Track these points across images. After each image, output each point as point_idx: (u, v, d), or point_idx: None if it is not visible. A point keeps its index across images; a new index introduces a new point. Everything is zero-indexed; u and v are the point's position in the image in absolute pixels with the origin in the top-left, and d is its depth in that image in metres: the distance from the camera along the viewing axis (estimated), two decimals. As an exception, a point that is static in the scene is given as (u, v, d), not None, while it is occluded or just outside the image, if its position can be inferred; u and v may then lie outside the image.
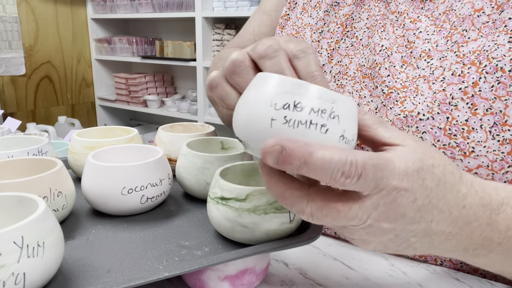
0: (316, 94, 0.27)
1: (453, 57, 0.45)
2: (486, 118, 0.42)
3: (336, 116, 0.27)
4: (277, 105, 0.27)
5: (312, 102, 0.27)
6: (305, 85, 0.28)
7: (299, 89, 0.27)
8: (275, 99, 0.27)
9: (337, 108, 0.27)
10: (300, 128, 0.27)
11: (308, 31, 0.58)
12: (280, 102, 0.27)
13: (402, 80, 0.48)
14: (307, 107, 0.27)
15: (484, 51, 0.43)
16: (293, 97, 0.27)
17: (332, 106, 0.27)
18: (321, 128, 0.27)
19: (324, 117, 0.27)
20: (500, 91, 0.42)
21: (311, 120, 0.27)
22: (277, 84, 0.28)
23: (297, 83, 0.28)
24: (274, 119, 0.27)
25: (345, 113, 0.28)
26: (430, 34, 0.48)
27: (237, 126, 0.30)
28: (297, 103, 0.27)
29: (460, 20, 0.46)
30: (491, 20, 0.44)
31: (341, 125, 0.28)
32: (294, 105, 0.27)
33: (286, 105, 0.27)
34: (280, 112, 0.27)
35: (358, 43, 0.54)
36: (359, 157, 0.25)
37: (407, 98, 0.47)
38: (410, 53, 0.49)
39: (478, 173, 0.43)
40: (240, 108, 0.30)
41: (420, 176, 0.27)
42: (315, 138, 0.27)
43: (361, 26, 0.54)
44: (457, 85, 0.44)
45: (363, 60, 0.52)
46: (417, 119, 0.45)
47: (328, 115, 0.27)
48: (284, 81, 0.28)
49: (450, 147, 0.43)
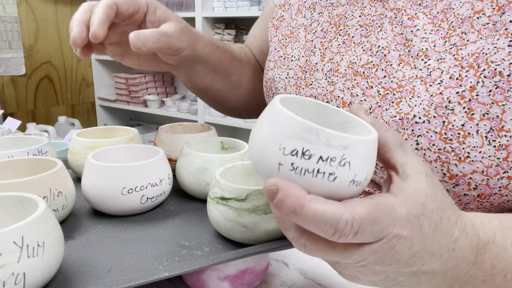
0: (326, 141, 0.26)
1: (451, 59, 0.44)
2: (483, 123, 0.41)
3: (347, 163, 0.26)
4: (285, 149, 0.26)
5: (321, 150, 0.26)
6: (316, 130, 0.26)
7: (309, 135, 0.26)
8: (284, 143, 0.26)
9: (348, 154, 0.26)
10: (307, 176, 0.26)
11: (302, 31, 0.59)
12: (288, 147, 0.26)
13: (398, 79, 0.47)
14: (315, 156, 0.26)
15: (483, 54, 0.42)
16: (302, 143, 0.26)
17: (342, 153, 0.26)
18: (329, 176, 0.26)
19: (333, 165, 0.26)
20: (498, 96, 0.41)
21: (318, 169, 0.26)
22: (289, 125, 0.26)
23: (307, 128, 0.26)
24: (281, 164, 0.26)
25: (359, 157, 0.26)
26: (428, 32, 0.47)
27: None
28: (306, 150, 0.26)
29: (459, 21, 0.45)
30: (491, 21, 0.43)
31: (352, 170, 0.26)
32: (302, 152, 0.26)
33: (294, 152, 0.26)
34: (288, 158, 0.26)
35: (350, 41, 0.54)
36: (356, 213, 0.25)
37: (403, 99, 0.46)
38: (408, 52, 0.48)
39: (473, 178, 0.42)
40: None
41: (419, 222, 0.27)
42: (322, 186, 0.26)
43: (353, 24, 0.54)
44: (454, 89, 0.43)
45: (354, 58, 0.52)
46: (413, 122, 0.45)
47: (338, 163, 0.26)
48: (296, 124, 0.26)
49: (445, 151, 0.43)
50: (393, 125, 0.46)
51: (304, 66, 0.56)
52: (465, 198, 0.44)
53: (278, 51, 0.62)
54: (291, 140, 0.26)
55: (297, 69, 0.57)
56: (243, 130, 2.33)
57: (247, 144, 0.53)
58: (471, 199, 0.44)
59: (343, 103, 0.51)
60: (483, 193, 0.43)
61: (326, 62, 0.54)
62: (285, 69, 0.58)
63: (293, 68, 0.57)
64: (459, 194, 0.44)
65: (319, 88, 0.54)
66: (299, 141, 0.26)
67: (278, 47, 0.62)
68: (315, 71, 0.55)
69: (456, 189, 0.44)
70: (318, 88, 0.54)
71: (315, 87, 0.54)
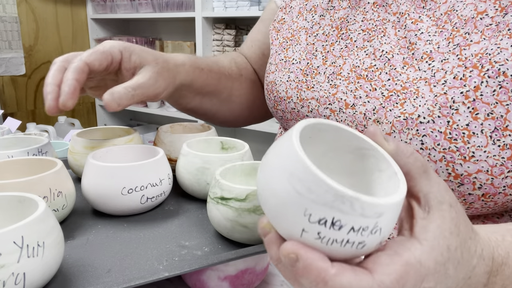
0: (361, 211, 0.23)
1: (455, 60, 0.45)
2: (487, 123, 0.42)
3: (378, 230, 0.24)
4: (311, 216, 0.23)
5: (354, 221, 0.23)
6: (350, 199, 0.22)
7: (342, 204, 0.22)
8: (311, 209, 0.23)
9: (381, 222, 0.23)
10: (334, 246, 0.23)
11: (303, 34, 0.59)
12: (316, 215, 0.23)
13: (403, 81, 0.48)
14: (347, 226, 0.23)
15: (487, 55, 0.43)
16: (332, 212, 0.22)
17: (376, 221, 0.23)
18: (358, 245, 0.24)
19: (364, 235, 0.23)
20: (502, 95, 0.41)
21: (348, 240, 0.23)
22: (318, 189, 0.22)
23: (340, 195, 0.22)
24: (305, 231, 0.23)
25: (390, 221, 0.24)
26: (432, 35, 0.48)
27: (263, 203, 0.26)
28: (336, 220, 0.23)
29: (462, 22, 0.45)
30: (494, 22, 0.43)
31: (382, 235, 0.24)
32: (332, 222, 0.23)
33: (322, 221, 0.23)
34: (314, 226, 0.23)
35: (352, 45, 0.54)
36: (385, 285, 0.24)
37: (407, 100, 0.46)
38: (411, 55, 0.48)
39: (478, 177, 0.42)
40: (268, 190, 0.25)
41: (445, 267, 0.27)
42: (348, 253, 0.24)
43: (356, 28, 0.54)
44: (458, 89, 0.43)
45: (357, 61, 0.52)
46: (417, 122, 0.45)
47: (370, 232, 0.23)
48: (326, 189, 0.22)
49: (450, 151, 0.43)
50: (397, 126, 0.46)
51: (305, 69, 0.56)
52: (469, 197, 0.44)
53: (279, 54, 0.61)
54: (320, 207, 0.23)
55: (298, 72, 0.57)
56: (243, 130, 2.33)
57: (247, 144, 0.53)
58: (476, 198, 0.44)
59: (346, 105, 0.51)
60: (487, 193, 0.43)
61: (328, 65, 0.54)
62: (286, 72, 0.58)
63: (294, 71, 0.57)
64: (464, 194, 0.44)
65: (321, 91, 0.53)
66: (330, 210, 0.22)
67: (279, 50, 0.62)
68: (316, 74, 0.55)
69: (461, 189, 0.44)
70: (320, 91, 0.54)
71: (317, 90, 0.54)
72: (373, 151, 0.28)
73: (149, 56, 0.52)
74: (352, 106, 0.50)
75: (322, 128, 0.29)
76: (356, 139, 0.29)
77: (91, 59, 0.48)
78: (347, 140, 0.29)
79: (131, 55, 0.51)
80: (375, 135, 0.28)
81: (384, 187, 0.27)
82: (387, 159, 0.27)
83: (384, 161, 0.27)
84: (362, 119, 0.49)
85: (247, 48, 0.78)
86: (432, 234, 0.27)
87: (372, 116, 0.48)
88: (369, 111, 0.49)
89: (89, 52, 0.48)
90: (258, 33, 0.76)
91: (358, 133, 0.29)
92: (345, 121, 0.51)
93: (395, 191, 0.25)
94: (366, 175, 0.29)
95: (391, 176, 0.27)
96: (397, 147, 0.28)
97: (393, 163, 0.27)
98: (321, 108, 0.53)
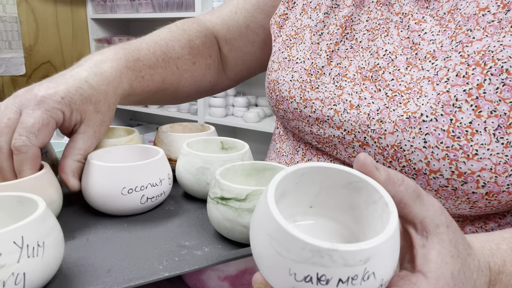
0: (343, 262, 0.22)
1: (457, 57, 0.44)
2: (490, 121, 0.42)
3: (371, 275, 0.23)
4: (296, 275, 0.23)
5: (340, 273, 0.22)
6: (327, 252, 0.22)
7: (321, 258, 0.22)
8: (294, 268, 0.23)
9: (371, 265, 0.23)
10: None
11: (307, 32, 0.58)
12: (300, 273, 0.22)
13: (407, 82, 0.48)
14: (334, 280, 0.22)
15: (489, 52, 0.43)
16: (314, 268, 0.22)
17: (364, 267, 0.22)
18: None
19: (356, 283, 0.23)
20: (505, 93, 0.41)
21: None
22: (294, 248, 0.22)
23: (317, 250, 0.22)
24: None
25: (383, 260, 0.23)
26: (435, 34, 0.47)
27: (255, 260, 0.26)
28: (321, 275, 0.22)
29: (465, 19, 0.45)
30: (496, 19, 0.43)
31: (378, 278, 0.23)
32: (317, 278, 0.22)
33: (307, 278, 0.22)
34: (302, 284, 0.23)
35: (357, 46, 0.54)
36: None
37: (411, 99, 0.46)
38: (415, 55, 0.48)
39: (481, 176, 0.42)
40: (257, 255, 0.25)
41: None
42: None
43: (361, 28, 0.54)
44: (461, 87, 0.43)
45: (363, 63, 0.52)
46: (420, 120, 0.45)
47: (361, 279, 0.23)
48: (302, 246, 0.22)
49: (453, 149, 0.43)
50: (400, 124, 0.46)
51: (309, 68, 0.56)
52: (473, 196, 0.44)
53: (282, 52, 0.61)
54: (301, 265, 0.22)
55: (302, 72, 0.56)
56: (243, 130, 2.33)
57: (247, 144, 0.53)
58: (479, 197, 0.44)
59: (351, 106, 0.51)
60: (491, 191, 0.43)
61: (334, 66, 0.54)
62: (290, 71, 0.58)
63: (298, 71, 0.57)
64: (468, 192, 0.44)
65: (326, 92, 0.53)
66: (311, 267, 0.22)
67: (282, 48, 0.61)
68: (321, 75, 0.54)
69: (465, 187, 0.44)
70: (325, 92, 0.53)
71: (322, 91, 0.54)
72: (363, 182, 0.28)
73: (88, 108, 0.47)
74: (357, 107, 0.50)
75: (306, 172, 0.28)
76: (344, 174, 0.28)
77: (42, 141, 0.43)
78: (335, 176, 0.29)
79: (72, 112, 0.45)
80: (365, 164, 0.28)
81: (379, 221, 0.27)
82: (377, 190, 0.27)
83: (375, 192, 0.27)
84: (365, 119, 0.49)
85: (226, 14, 0.71)
86: (435, 264, 0.26)
87: (376, 116, 0.48)
88: (373, 112, 0.49)
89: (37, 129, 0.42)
90: (247, 2, 0.70)
91: (344, 167, 0.28)
92: (349, 121, 0.51)
93: (383, 228, 0.24)
94: (363, 208, 0.29)
95: (384, 208, 0.26)
96: (388, 176, 0.27)
97: (384, 193, 0.26)
98: (325, 109, 0.53)
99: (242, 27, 0.70)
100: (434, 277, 0.26)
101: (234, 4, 0.72)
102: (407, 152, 0.45)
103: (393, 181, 0.27)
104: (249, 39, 0.71)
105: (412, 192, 0.27)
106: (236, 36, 0.71)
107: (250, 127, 2.14)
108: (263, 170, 0.45)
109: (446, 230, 0.27)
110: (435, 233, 0.27)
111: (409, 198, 0.27)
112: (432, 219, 0.27)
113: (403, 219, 0.29)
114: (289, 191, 0.29)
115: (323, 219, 0.31)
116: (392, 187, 0.27)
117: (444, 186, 0.45)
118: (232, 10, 0.71)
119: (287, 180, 0.28)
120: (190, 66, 0.66)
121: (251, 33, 0.70)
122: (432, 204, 0.28)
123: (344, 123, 0.51)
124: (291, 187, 0.28)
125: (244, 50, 0.73)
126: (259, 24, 0.69)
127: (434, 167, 0.44)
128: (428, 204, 0.28)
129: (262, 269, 0.25)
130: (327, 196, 0.30)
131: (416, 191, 0.28)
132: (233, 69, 0.75)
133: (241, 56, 0.74)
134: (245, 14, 0.70)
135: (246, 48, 0.72)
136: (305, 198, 0.30)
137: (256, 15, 0.69)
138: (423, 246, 0.27)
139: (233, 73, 0.76)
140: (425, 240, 0.27)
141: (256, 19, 0.69)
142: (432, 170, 0.44)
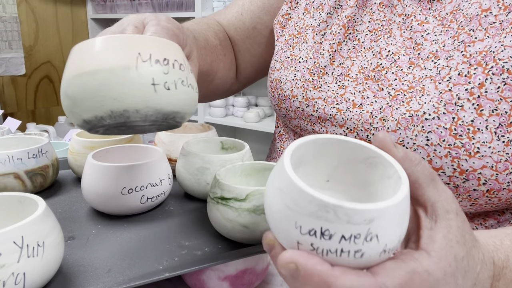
0: (347, 219, 0.23)
1: (459, 56, 0.45)
2: (492, 119, 0.42)
3: (374, 236, 0.23)
4: (302, 228, 0.24)
5: (342, 229, 0.23)
6: (333, 207, 0.23)
7: (326, 213, 0.23)
8: (300, 221, 0.24)
9: (375, 227, 0.23)
10: (330, 256, 0.24)
11: (310, 32, 0.58)
12: (305, 227, 0.23)
13: (409, 81, 0.48)
14: (336, 235, 0.23)
15: (491, 52, 0.43)
16: (319, 222, 0.23)
17: (368, 228, 0.23)
18: (355, 254, 0.23)
19: (358, 243, 0.23)
20: (506, 92, 0.42)
21: (342, 249, 0.23)
22: (302, 201, 0.23)
23: (323, 205, 0.23)
24: (300, 243, 0.24)
25: (387, 226, 0.24)
26: (438, 34, 0.48)
27: (268, 221, 0.27)
28: (325, 230, 0.23)
29: (468, 20, 0.46)
30: (498, 21, 0.44)
31: (381, 242, 0.24)
32: (321, 232, 0.23)
33: (312, 232, 0.23)
34: (306, 238, 0.24)
35: (360, 46, 0.54)
36: (386, 282, 0.24)
37: (413, 98, 0.47)
38: (417, 55, 0.49)
39: (483, 173, 0.43)
40: (267, 209, 0.27)
41: (454, 277, 0.27)
42: (348, 263, 0.24)
43: (363, 29, 0.54)
44: (463, 86, 0.44)
45: (365, 63, 0.52)
46: (423, 118, 0.45)
47: (364, 239, 0.23)
48: (309, 199, 0.23)
49: (456, 147, 0.43)
50: (403, 123, 0.47)
51: (312, 68, 0.56)
52: (474, 193, 0.45)
53: (285, 51, 0.61)
54: (307, 218, 0.23)
55: (304, 71, 0.56)
56: (243, 130, 2.33)
57: (247, 144, 0.53)
58: (480, 194, 0.45)
59: (354, 104, 0.51)
60: (492, 188, 0.44)
61: (336, 66, 0.55)
62: (292, 70, 0.58)
63: (301, 70, 0.57)
64: (469, 189, 0.45)
65: (328, 91, 0.54)
66: (316, 220, 0.23)
67: (285, 47, 0.61)
68: (324, 74, 0.55)
69: (466, 184, 0.44)
70: (328, 91, 0.54)
71: (325, 90, 0.54)
72: (380, 158, 0.28)
73: (193, 45, 0.46)
74: (360, 106, 0.51)
75: (325, 142, 0.29)
76: (361, 149, 0.29)
77: None
78: (353, 150, 0.29)
79: (185, 46, 0.44)
80: (384, 142, 0.28)
81: (391, 193, 0.27)
82: (393, 165, 0.27)
83: (390, 167, 0.27)
84: (368, 117, 0.50)
85: (232, 16, 0.71)
86: (439, 244, 0.26)
87: (379, 114, 0.49)
88: (376, 110, 0.49)
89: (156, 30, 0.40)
90: (253, 4, 0.70)
91: (361, 142, 0.29)
92: (351, 119, 0.51)
93: (393, 195, 0.25)
94: (378, 183, 0.29)
95: (397, 181, 0.27)
96: (405, 154, 0.28)
97: (399, 168, 0.27)
98: (328, 108, 0.53)
99: (249, 29, 0.70)
100: (437, 256, 0.26)
101: (240, 5, 0.71)
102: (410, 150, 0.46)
103: (410, 160, 0.28)
104: (256, 41, 0.71)
105: (428, 174, 0.28)
106: (243, 37, 0.71)
107: (250, 127, 2.13)
108: (263, 170, 0.45)
109: (455, 217, 0.28)
110: (444, 218, 0.27)
111: (424, 180, 0.28)
112: (444, 204, 0.28)
113: (415, 200, 0.29)
114: (307, 160, 0.29)
115: (339, 195, 0.31)
116: (409, 165, 0.27)
117: (446, 184, 0.45)
118: (238, 11, 0.71)
119: (306, 147, 0.28)
120: (222, 56, 0.66)
121: (258, 34, 0.70)
122: (445, 191, 0.28)
123: (346, 121, 0.51)
124: (310, 157, 0.29)
125: (252, 52, 0.72)
126: (265, 25, 0.69)
127: (436, 164, 0.45)
128: (441, 189, 0.28)
129: (272, 224, 0.26)
130: (344, 171, 0.30)
131: (432, 174, 0.28)
132: (242, 71, 0.74)
133: (249, 58, 0.73)
134: (251, 15, 0.70)
135: (253, 49, 0.72)
136: (322, 170, 0.30)
137: (262, 17, 0.69)
138: (431, 228, 0.27)
139: (242, 75, 0.75)
140: (433, 223, 0.27)
141: (262, 21, 0.69)
142: (434, 168, 0.45)
